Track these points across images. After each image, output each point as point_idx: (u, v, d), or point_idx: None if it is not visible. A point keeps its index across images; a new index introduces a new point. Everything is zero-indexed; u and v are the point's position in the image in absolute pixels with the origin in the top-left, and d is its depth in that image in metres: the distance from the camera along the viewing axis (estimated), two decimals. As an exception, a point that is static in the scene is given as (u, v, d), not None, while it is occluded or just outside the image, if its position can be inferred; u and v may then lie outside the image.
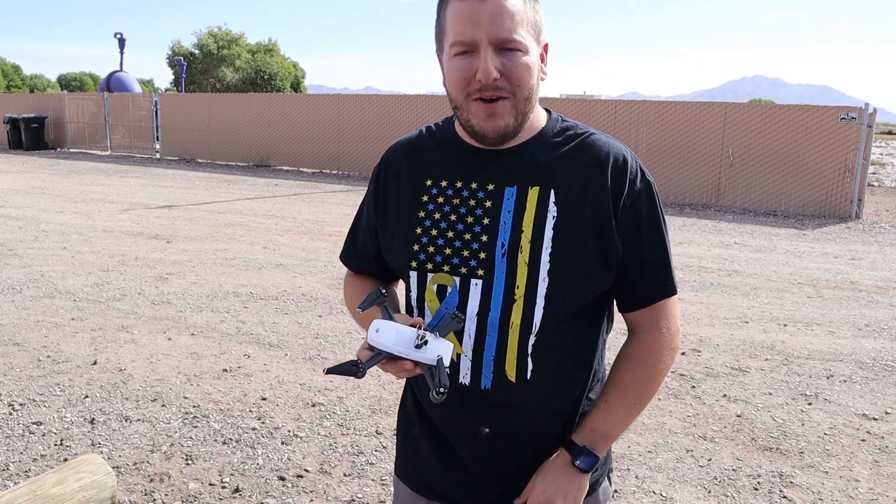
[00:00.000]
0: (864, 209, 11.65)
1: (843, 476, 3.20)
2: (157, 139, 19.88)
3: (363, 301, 1.16)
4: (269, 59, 46.15)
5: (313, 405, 3.83)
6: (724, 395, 4.06)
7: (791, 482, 3.14)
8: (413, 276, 1.25)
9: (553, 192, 1.19)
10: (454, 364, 1.22)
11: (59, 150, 21.62)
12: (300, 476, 3.10)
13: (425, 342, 1.07)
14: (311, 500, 2.93)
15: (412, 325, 1.10)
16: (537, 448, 1.25)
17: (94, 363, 4.32)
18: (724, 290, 6.48)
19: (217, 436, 3.45)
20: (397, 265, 1.28)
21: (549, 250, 1.17)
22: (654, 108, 12.88)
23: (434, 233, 1.23)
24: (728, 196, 12.31)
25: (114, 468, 3.03)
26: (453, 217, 1.22)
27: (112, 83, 25.94)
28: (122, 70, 27.27)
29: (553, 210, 1.18)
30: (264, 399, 3.89)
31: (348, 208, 10.94)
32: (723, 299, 6.14)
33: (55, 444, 3.33)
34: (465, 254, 1.21)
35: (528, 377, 1.21)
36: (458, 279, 1.21)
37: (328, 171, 16.86)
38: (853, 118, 11.26)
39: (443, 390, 1.03)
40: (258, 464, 3.20)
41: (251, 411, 3.73)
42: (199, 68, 45.63)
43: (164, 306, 5.57)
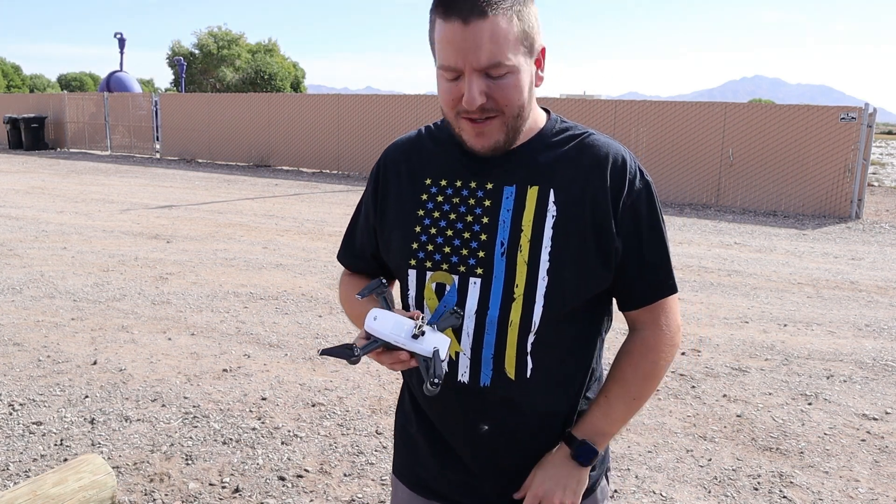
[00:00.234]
0: (864, 209, 11.65)
1: (843, 476, 3.20)
2: (157, 139, 19.89)
3: (363, 289, 1.16)
4: (269, 59, 46.17)
5: (313, 405, 3.83)
6: (724, 395, 4.06)
7: (791, 482, 3.14)
8: (412, 274, 1.25)
9: (552, 191, 1.19)
10: (452, 362, 1.23)
11: (59, 150, 21.63)
12: (300, 476, 3.10)
13: (423, 333, 1.07)
14: (311, 500, 2.93)
15: (411, 318, 1.09)
16: (536, 446, 1.26)
17: (94, 363, 4.32)
18: (724, 290, 6.48)
19: (217, 436, 3.45)
20: (395, 264, 1.28)
21: (549, 249, 1.17)
22: (654, 108, 12.88)
23: (433, 231, 1.23)
24: (728, 196, 12.31)
25: (114, 468, 3.03)
26: (452, 216, 1.23)
27: (112, 83, 25.95)
28: (122, 70, 27.28)
29: (552, 209, 1.18)
30: (264, 399, 3.89)
31: (348, 208, 10.94)
32: (723, 299, 6.14)
33: (55, 444, 3.33)
34: (464, 252, 1.21)
35: (528, 375, 1.21)
36: (456, 278, 1.21)
37: (328, 171, 16.87)
38: (853, 118, 11.26)
39: (437, 381, 1.03)
40: (258, 464, 3.20)
41: (251, 411, 3.73)
42: (199, 68, 45.64)
43: (164, 306, 5.57)
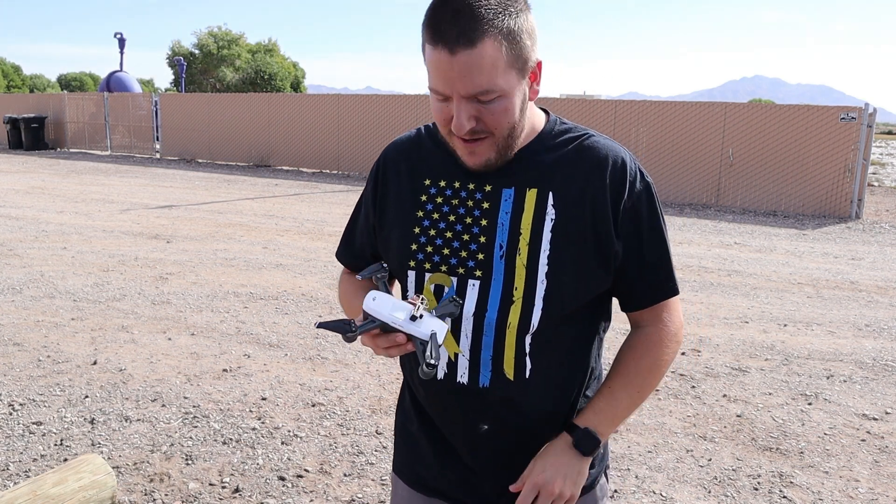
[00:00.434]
0: (864, 209, 11.65)
1: (843, 476, 3.20)
2: (157, 139, 19.89)
3: (364, 270, 1.16)
4: (269, 59, 46.18)
5: (313, 405, 3.83)
6: (724, 395, 4.06)
7: (791, 482, 3.14)
8: (411, 275, 1.25)
9: (551, 194, 1.19)
10: (451, 363, 1.23)
11: (59, 150, 21.63)
12: (300, 476, 3.10)
13: (421, 316, 1.07)
14: (311, 500, 2.93)
15: (411, 303, 1.09)
16: (536, 445, 1.26)
17: (94, 363, 4.32)
18: (724, 290, 6.48)
19: (217, 436, 3.45)
20: (394, 264, 1.28)
21: (548, 253, 1.17)
22: (654, 108, 12.88)
23: (432, 233, 1.23)
24: (728, 196, 12.31)
25: (114, 468, 3.03)
26: (452, 217, 1.23)
27: (112, 83, 25.95)
28: (122, 70, 27.28)
29: (551, 213, 1.18)
30: (264, 399, 3.89)
31: (348, 208, 10.93)
32: (723, 299, 6.14)
33: (55, 444, 3.33)
34: (463, 254, 1.21)
35: (527, 376, 1.21)
36: (455, 279, 1.21)
37: (328, 171, 16.87)
38: (853, 118, 11.26)
39: (433, 362, 1.02)
40: (258, 464, 3.20)
41: (251, 411, 3.73)
42: (199, 68, 45.65)
43: (164, 306, 5.57)
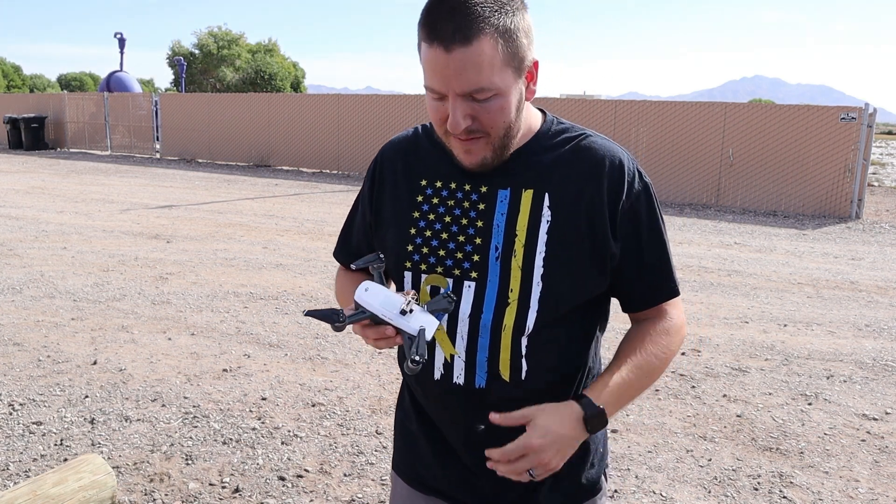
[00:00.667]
0: (864, 209, 11.65)
1: (843, 476, 3.20)
2: (157, 139, 19.89)
3: (359, 260, 1.16)
4: (269, 59, 46.18)
5: (313, 405, 3.83)
6: (724, 395, 4.06)
7: (791, 482, 3.14)
8: (407, 276, 1.25)
9: (547, 195, 1.18)
10: (448, 364, 1.23)
11: (59, 150, 21.63)
12: (300, 476, 3.10)
13: (411, 311, 1.06)
14: (311, 500, 2.93)
15: (403, 296, 1.09)
16: None
17: (94, 363, 4.32)
18: (724, 290, 6.48)
19: (217, 436, 3.45)
20: (390, 264, 1.28)
21: (543, 255, 1.16)
22: (654, 108, 12.88)
23: (428, 234, 1.23)
24: (728, 196, 12.31)
25: (114, 468, 3.03)
26: (448, 218, 1.22)
27: (112, 83, 25.94)
28: (122, 70, 27.27)
29: (547, 214, 1.17)
30: (264, 399, 3.89)
31: (348, 208, 10.86)
32: (723, 299, 6.14)
33: (55, 444, 3.33)
34: (459, 256, 1.21)
35: (523, 377, 1.20)
36: (450, 281, 1.21)
37: (328, 171, 16.86)
38: (853, 118, 11.26)
39: (417, 359, 1.02)
40: (258, 464, 3.20)
41: (251, 411, 3.73)
42: (199, 68, 45.65)
43: (164, 306, 5.57)
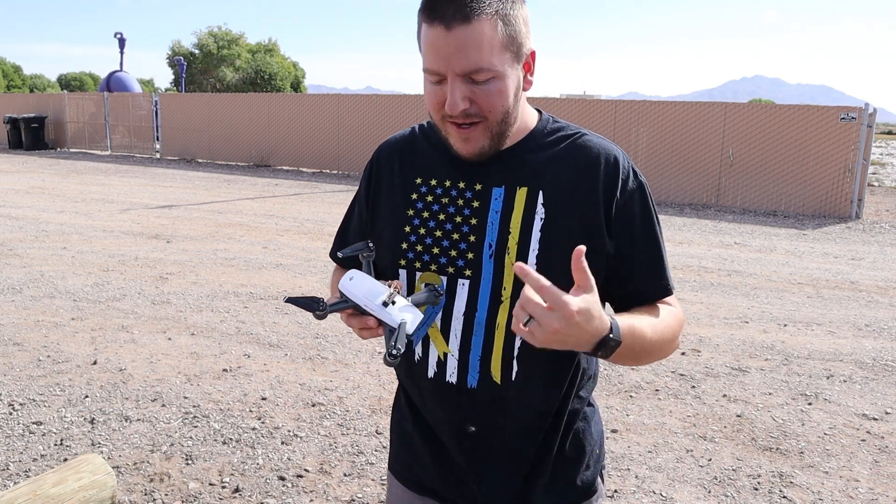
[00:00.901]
0: (864, 209, 11.65)
1: (843, 476, 3.20)
2: (157, 139, 19.88)
3: (347, 248, 1.16)
4: (269, 59, 46.18)
5: (313, 405, 3.83)
6: (724, 395, 4.06)
7: (791, 482, 3.14)
8: (402, 274, 1.25)
9: (541, 193, 1.18)
10: (441, 363, 1.22)
11: (59, 150, 21.62)
12: (300, 476, 3.10)
13: (393, 302, 1.05)
14: (311, 500, 2.93)
15: (389, 287, 1.08)
16: (524, 447, 1.25)
17: (94, 363, 4.32)
18: (724, 290, 6.48)
19: (217, 436, 3.45)
20: (385, 263, 1.28)
21: (537, 252, 1.16)
22: (654, 108, 12.88)
23: (422, 231, 1.23)
24: (728, 196, 12.31)
25: (114, 468, 3.03)
26: (442, 216, 1.23)
27: (112, 83, 25.94)
28: (122, 70, 27.26)
29: (541, 212, 1.18)
30: (264, 399, 3.89)
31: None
32: (723, 299, 6.14)
33: (55, 444, 3.33)
34: (453, 253, 1.21)
35: (513, 378, 1.20)
36: (445, 278, 1.21)
37: (328, 171, 16.86)
38: (853, 118, 11.26)
39: (396, 353, 1.01)
40: (258, 464, 3.20)
41: (251, 411, 3.73)
42: (199, 68, 45.65)
43: (164, 306, 5.57)
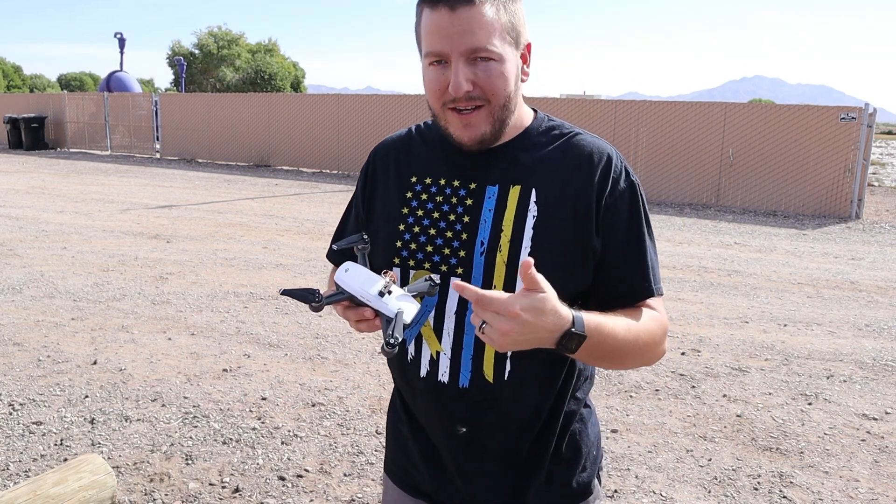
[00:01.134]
0: (864, 209, 11.65)
1: (843, 476, 3.20)
2: (157, 139, 19.88)
3: (342, 240, 1.15)
4: (269, 59, 46.16)
5: (313, 405, 3.83)
6: (724, 395, 4.06)
7: (791, 482, 3.14)
8: (396, 272, 1.25)
9: (534, 191, 1.18)
10: (434, 361, 1.22)
11: (59, 150, 21.62)
12: (300, 476, 3.10)
13: (389, 293, 1.05)
14: (311, 500, 2.93)
15: (387, 277, 1.08)
16: (515, 448, 1.24)
17: (94, 363, 4.32)
18: (724, 290, 6.48)
19: (217, 436, 3.45)
20: (380, 261, 1.28)
21: (528, 250, 1.16)
22: (654, 108, 12.88)
23: (416, 230, 1.24)
24: (728, 196, 12.31)
25: (114, 468, 3.03)
26: (436, 215, 1.23)
27: (112, 83, 25.94)
28: (122, 70, 27.27)
29: (533, 210, 1.18)
30: (264, 399, 3.89)
31: (348, 208, 10.92)
32: (723, 299, 6.14)
33: (55, 444, 3.33)
34: (446, 252, 1.21)
35: (505, 378, 1.20)
36: (438, 276, 1.20)
37: (328, 171, 16.86)
38: (853, 118, 11.26)
39: (392, 342, 1.00)
40: (258, 464, 3.20)
41: (251, 411, 3.73)
42: (199, 68, 45.64)
43: (164, 306, 5.57)
